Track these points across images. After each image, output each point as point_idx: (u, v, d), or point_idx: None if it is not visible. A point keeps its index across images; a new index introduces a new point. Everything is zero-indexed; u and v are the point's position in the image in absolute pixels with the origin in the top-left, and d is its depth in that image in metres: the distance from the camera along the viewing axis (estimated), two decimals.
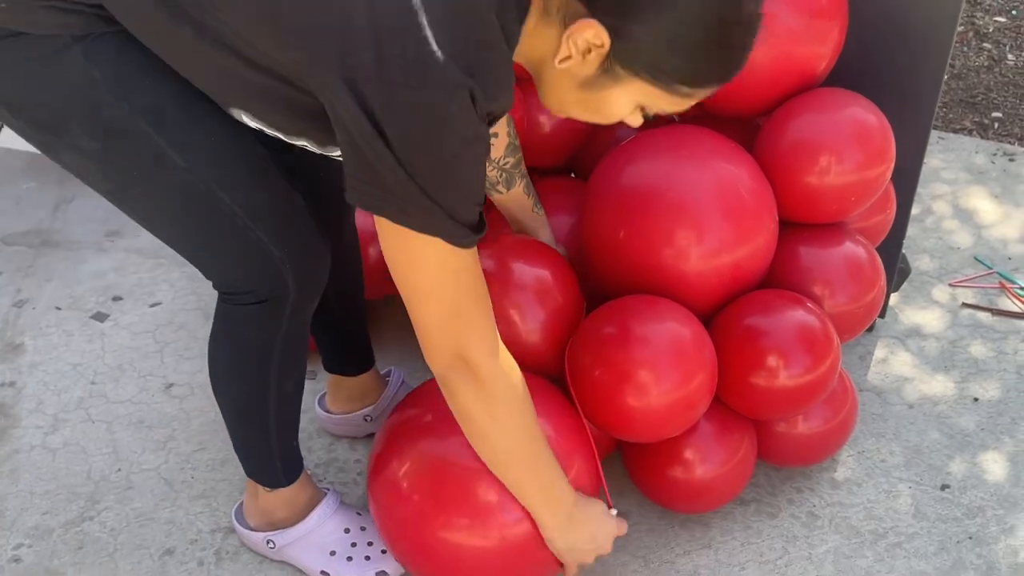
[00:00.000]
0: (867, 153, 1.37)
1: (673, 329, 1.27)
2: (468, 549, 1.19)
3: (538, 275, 1.37)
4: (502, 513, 1.18)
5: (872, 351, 1.84)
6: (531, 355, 1.32)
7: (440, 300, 1.00)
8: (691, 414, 1.29)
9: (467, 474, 1.17)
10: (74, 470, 1.60)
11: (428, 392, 1.29)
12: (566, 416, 1.27)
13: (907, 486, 1.54)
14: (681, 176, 1.34)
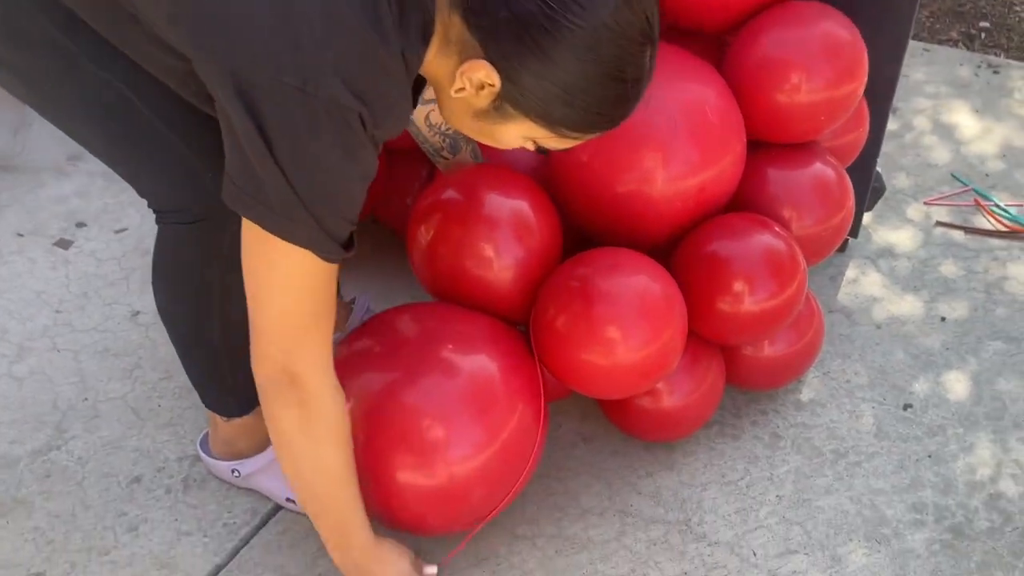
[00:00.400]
0: (838, 70, 1.33)
1: (642, 285, 1.23)
2: (412, 488, 1.16)
3: (517, 208, 1.30)
4: (447, 451, 1.15)
5: (843, 272, 1.83)
6: (502, 296, 1.29)
7: (285, 309, 0.99)
8: (656, 374, 1.26)
9: (412, 412, 1.15)
10: (40, 399, 1.60)
11: (378, 325, 1.28)
12: (519, 357, 1.25)
13: (870, 406, 1.55)
14: (645, 95, 1.30)
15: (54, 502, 1.43)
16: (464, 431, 1.16)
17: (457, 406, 1.17)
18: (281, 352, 1.01)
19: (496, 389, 1.20)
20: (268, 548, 1.35)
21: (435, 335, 1.23)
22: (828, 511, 1.38)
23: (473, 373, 1.21)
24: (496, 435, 1.18)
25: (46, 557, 1.34)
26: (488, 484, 1.21)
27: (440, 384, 1.18)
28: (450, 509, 1.21)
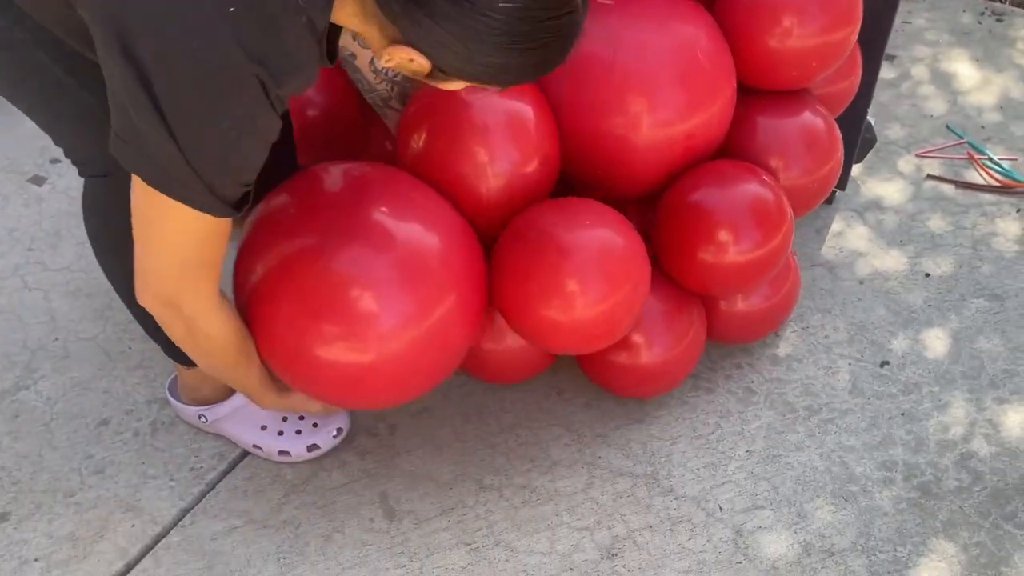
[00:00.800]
0: (831, 14, 1.28)
1: (603, 239, 1.19)
2: (346, 363, 1.10)
3: (522, 117, 1.21)
4: (379, 322, 1.08)
5: (829, 224, 1.79)
6: (488, 207, 1.21)
7: (171, 257, 0.97)
8: (612, 331, 1.22)
9: (340, 281, 1.07)
10: (10, 338, 1.59)
11: (298, 183, 1.17)
12: (467, 241, 1.18)
13: (847, 363, 1.54)
14: (632, 37, 1.25)
15: (21, 443, 1.42)
16: (394, 303, 1.09)
17: (388, 276, 1.09)
18: (165, 289, 1.00)
19: (434, 264, 1.12)
20: (234, 493, 1.35)
21: (370, 196, 1.14)
22: (797, 467, 1.38)
23: (409, 242, 1.12)
24: (428, 312, 1.11)
25: (12, 498, 1.34)
26: (414, 366, 1.14)
27: (370, 252, 1.09)
28: (388, 385, 1.15)
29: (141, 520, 1.32)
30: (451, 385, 1.50)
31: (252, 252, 1.14)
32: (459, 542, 1.29)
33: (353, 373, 1.11)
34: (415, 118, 1.23)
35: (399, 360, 1.11)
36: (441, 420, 1.45)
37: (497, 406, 1.47)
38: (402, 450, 1.41)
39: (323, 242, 1.08)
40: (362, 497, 1.34)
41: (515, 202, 1.22)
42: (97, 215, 1.20)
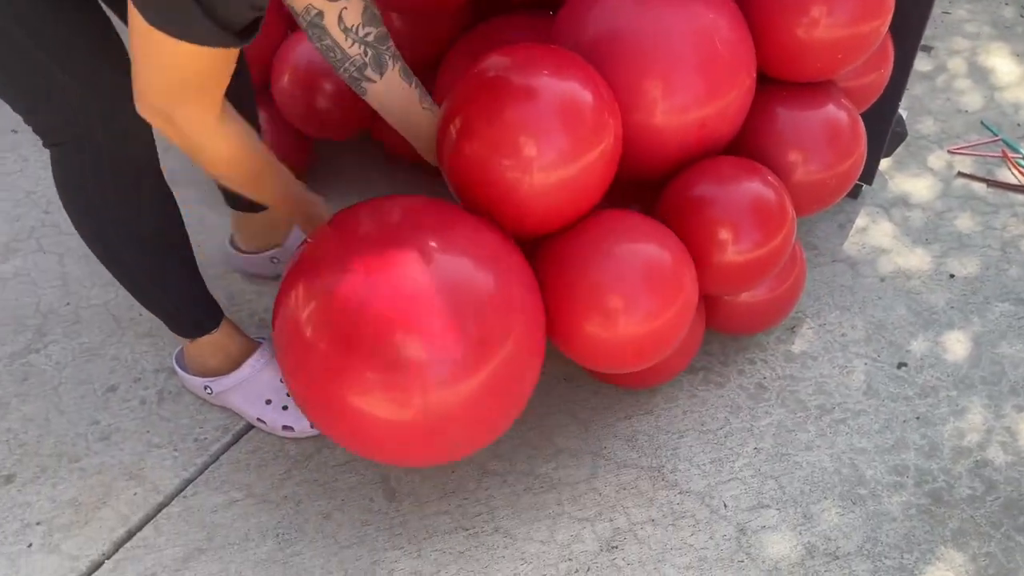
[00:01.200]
0: (861, 4, 1.23)
1: (651, 255, 1.14)
2: (380, 414, 1.00)
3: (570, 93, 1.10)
4: (422, 369, 0.97)
5: (853, 220, 1.75)
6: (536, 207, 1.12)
7: (169, 78, 0.93)
8: (660, 348, 1.18)
9: (380, 321, 0.97)
10: (23, 301, 1.59)
11: (338, 224, 1.10)
12: (524, 280, 1.10)
13: (863, 362, 1.50)
14: (648, 19, 1.21)
15: (29, 405, 1.43)
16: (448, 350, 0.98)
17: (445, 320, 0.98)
18: (159, 106, 0.97)
19: (492, 305, 1.02)
20: (237, 466, 1.35)
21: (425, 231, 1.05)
22: (806, 467, 1.35)
23: (467, 283, 1.02)
24: (485, 360, 1.01)
25: (17, 460, 1.35)
26: (469, 417, 1.04)
27: (425, 292, 0.99)
28: (425, 444, 1.06)
29: (143, 488, 1.32)
30: None
31: (292, 287, 1.06)
32: (458, 526, 1.28)
33: (392, 427, 1.01)
34: (453, 107, 1.13)
35: (448, 415, 1.01)
36: None
37: None
38: None
39: (366, 282, 0.99)
40: (364, 477, 1.34)
41: (569, 200, 1.12)
42: (68, 183, 1.18)
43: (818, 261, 1.67)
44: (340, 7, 1.09)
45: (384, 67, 1.15)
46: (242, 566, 1.23)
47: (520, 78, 1.09)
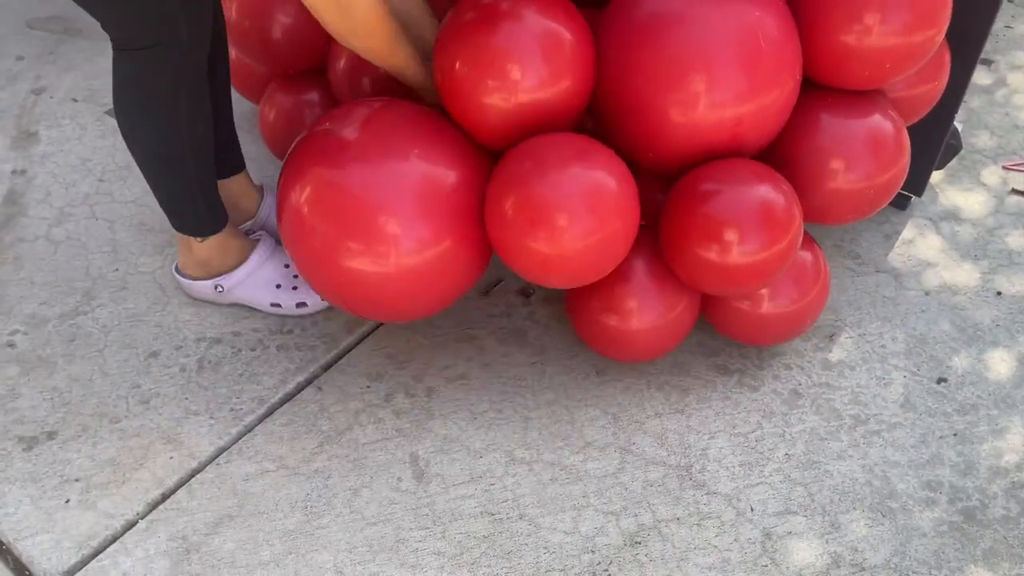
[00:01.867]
0: (915, 13, 1.21)
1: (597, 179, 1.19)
2: (372, 276, 1.23)
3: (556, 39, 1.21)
4: (401, 242, 1.21)
5: (900, 231, 1.73)
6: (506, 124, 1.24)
7: None
8: (600, 264, 1.24)
9: (368, 206, 1.20)
10: (74, 264, 1.64)
11: (334, 118, 1.28)
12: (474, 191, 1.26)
13: (902, 375, 1.48)
14: (694, 11, 1.20)
15: (75, 365, 1.47)
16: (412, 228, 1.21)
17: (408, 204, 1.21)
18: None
19: (443, 203, 1.23)
20: (270, 437, 1.38)
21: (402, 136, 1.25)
22: (837, 476, 1.34)
23: (426, 178, 1.23)
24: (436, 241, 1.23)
25: (60, 418, 1.39)
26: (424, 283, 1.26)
27: (397, 183, 1.22)
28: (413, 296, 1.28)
29: (180, 453, 1.35)
30: (494, 355, 1.50)
31: (294, 172, 1.27)
32: (483, 511, 1.29)
33: (382, 285, 1.25)
34: (446, 35, 1.26)
35: (421, 271, 1.24)
36: (479, 388, 1.45)
37: (536, 381, 1.46)
38: (437, 414, 1.41)
39: (350, 172, 1.22)
40: (393, 455, 1.36)
41: (534, 124, 1.23)
42: (139, 89, 1.29)
43: (861, 271, 1.65)
44: None
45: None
46: (270, 535, 1.26)
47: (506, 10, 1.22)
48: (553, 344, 1.52)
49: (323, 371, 1.47)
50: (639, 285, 1.33)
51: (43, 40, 2.19)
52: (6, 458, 1.33)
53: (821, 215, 1.35)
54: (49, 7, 2.29)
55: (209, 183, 1.42)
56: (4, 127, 1.94)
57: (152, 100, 1.30)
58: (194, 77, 1.30)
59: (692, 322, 1.40)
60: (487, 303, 1.59)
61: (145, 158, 1.37)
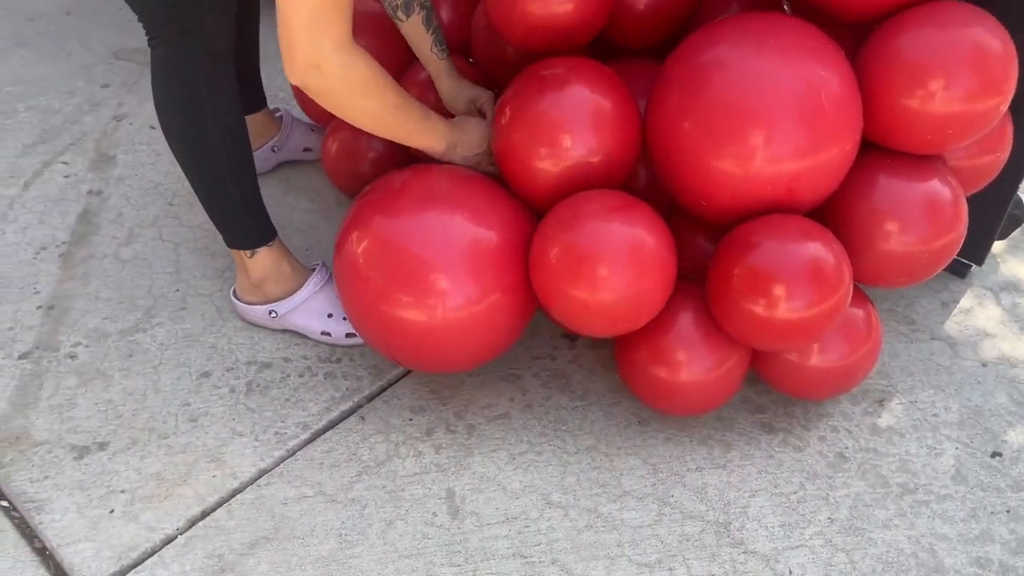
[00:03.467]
0: (980, 82, 1.20)
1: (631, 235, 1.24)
2: (418, 326, 1.29)
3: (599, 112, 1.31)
4: (449, 296, 1.27)
5: (958, 299, 1.69)
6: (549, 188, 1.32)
7: (306, 4, 1.10)
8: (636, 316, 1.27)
9: (418, 259, 1.27)
10: (138, 283, 1.70)
11: (392, 177, 1.37)
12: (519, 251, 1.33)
13: (954, 446, 1.44)
14: (756, 68, 1.21)
15: (131, 380, 1.51)
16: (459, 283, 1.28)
17: (457, 262, 1.28)
18: (306, 41, 1.12)
19: (488, 263, 1.29)
20: (311, 463, 1.39)
21: (455, 200, 1.33)
22: (881, 545, 1.30)
23: (475, 238, 1.30)
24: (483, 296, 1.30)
25: (112, 430, 1.43)
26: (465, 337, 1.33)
27: (446, 241, 1.29)
28: (456, 349, 1.34)
29: (222, 472, 1.37)
30: (536, 396, 1.51)
31: (353, 225, 1.35)
32: (516, 553, 1.28)
33: (425, 336, 1.31)
34: (505, 100, 1.37)
35: (466, 325, 1.30)
36: (520, 429, 1.45)
37: (577, 425, 1.46)
38: (476, 451, 1.42)
39: (406, 227, 1.30)
40: (430, 490, 1.36)
41: (581, 185, 1.31)
42: (168, 79, 1.39)
43: (915, 337, 1.62)
44: None
45: (411, 10, 1.43)
46: (303, 560, 1.27)
47: (558, 81, 1.32)
48: (596, 389, 1.52)
49: (367, 401, 1.49)
50: (689, 337, 1.33)
51: (128, 70, 2.30)
52: (57, 465, 1.38)
53: (874, 277, 1.34)
54: (135, 40, 2.41)
55: (248, 186, 1.48)
56: (85, 150, 2.03)
57: (177, 90, 1.38)
58: (217, 64, 1.38)
59: (740, 379, 1.39)
60: (532, 344, 1.60)
61: (181, 153, 1.45)
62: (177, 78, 1.38)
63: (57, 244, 1.78)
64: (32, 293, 1.67)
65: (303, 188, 1.94)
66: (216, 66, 1.38)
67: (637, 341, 1.37)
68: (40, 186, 1.93)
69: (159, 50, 1.38)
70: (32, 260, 1.75)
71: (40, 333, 1.59)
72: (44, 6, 2.59)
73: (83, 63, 2.33)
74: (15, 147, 2.04)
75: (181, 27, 1.33)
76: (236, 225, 1.51)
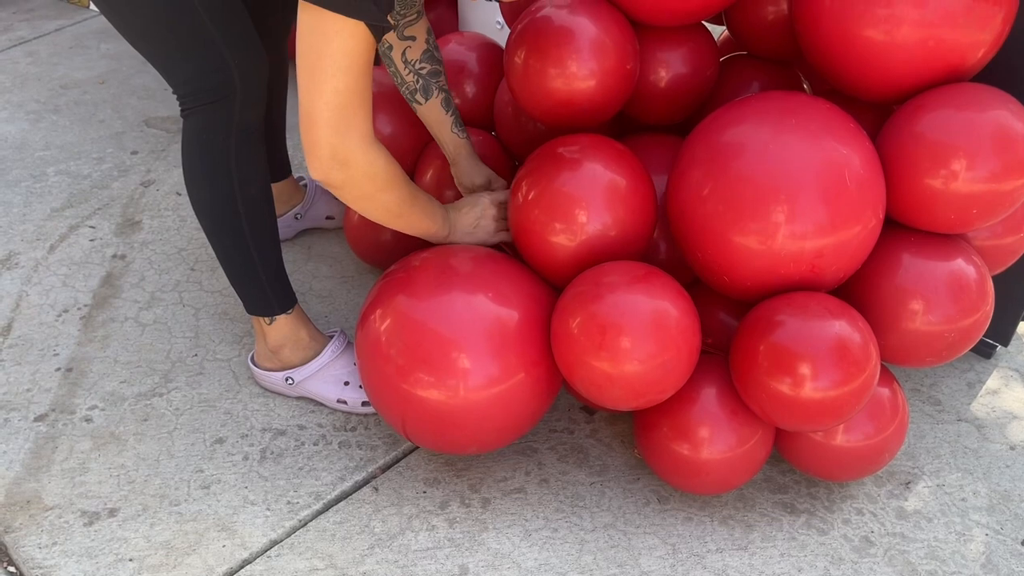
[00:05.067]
0: (1004, 163, 1.20)
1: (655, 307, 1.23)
2: (439, 405, 1.27)
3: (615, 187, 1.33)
4: (469, 377, 1.27)
5: (984, 380, 1.67)
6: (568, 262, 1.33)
7: (335, 89, 1.11)
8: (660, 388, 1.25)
9: (440, 339, 1.27)
10: (157, 347, 1.70)
11: (414, 256, 1.39)
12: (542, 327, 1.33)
13: (983, 532, 1.40)
14: (779, 145, 1.22)
15: (144, 445, 1.50)
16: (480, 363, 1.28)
17: (479, 341, 1.28)
18: (332, 135, 1.13)
19: (512, 341, 1.29)
20: (323, 535, 1.37)
21: (480, 281, 1.33)
22: None
23: (498, 319, 1.30)
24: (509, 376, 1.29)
25: (124, 496, 1.42)
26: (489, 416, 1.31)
27: (468, 320, 1.29)
28: (475, 431, 1.32)
29: (232, 543, 1.35)
30: (553, 471, 1.48)
31: (376, 303, 1.35)
32: None
33: (445, 415, 1.30)
34: (521, 177, 1.39)
35: (479, 410, 1.29)
36: (536, 504, 1.42)
37: (595, 502, 1.43)
38: (491, 527, 1.39)
39: (431, 307, 1.30)
40: (443, 566, 1.33)
41: (593, 260, 1.32)
42: (197, 146, 1.40)
43: (941, 418, 1.59)
44: (405, 45, 1.41)
45: (430, 94, 1.46)
46: None
47: (574, 160, 1.34)
48: (615, 465, 1.49)
49: (381, 472, 1.47)
50: (712, 413, 1.31)
51: (157, 138, 2.35)
52: (67, 531, 1.36)
53: (898, 356, 1.32)
54: (166, 108, 2.47)
55: (270, 256, 1.49)
56: (112, 214, 2.06)
57: (205, 157, 1.40)
58: (245, 134, 1.40)
59: (764, 458, 1.36)
60: (549, 417, 1.58)
61: (206, 225, 1.46)
62: (207, 149, 1.39)
63: (79, 307, 1.79)
64: (52, 355, 1.68)
65: (324, 255, 1.95)
66: (247, 140, 1.40)
67: (658, 416, 1.35)
68: (66, 249, 1.95)
69: (191, 120, 1.40)
70: (53, 322, 1.76)
71: (57, 395, 1.59)
72: (79, 74, 2.66)
73: (114, 130, 2.38)
74: (43, 210, 2.08)
75: (214, 99, 1.36)
76: (256, 293, 1.51)
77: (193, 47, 1.32)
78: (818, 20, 1.32)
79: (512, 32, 1.43)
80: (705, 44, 1.51)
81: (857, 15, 1.26)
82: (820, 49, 1.34)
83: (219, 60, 1.32)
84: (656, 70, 1.49)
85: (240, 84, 1.35)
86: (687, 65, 1.49)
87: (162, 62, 1.37)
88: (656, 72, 1.49)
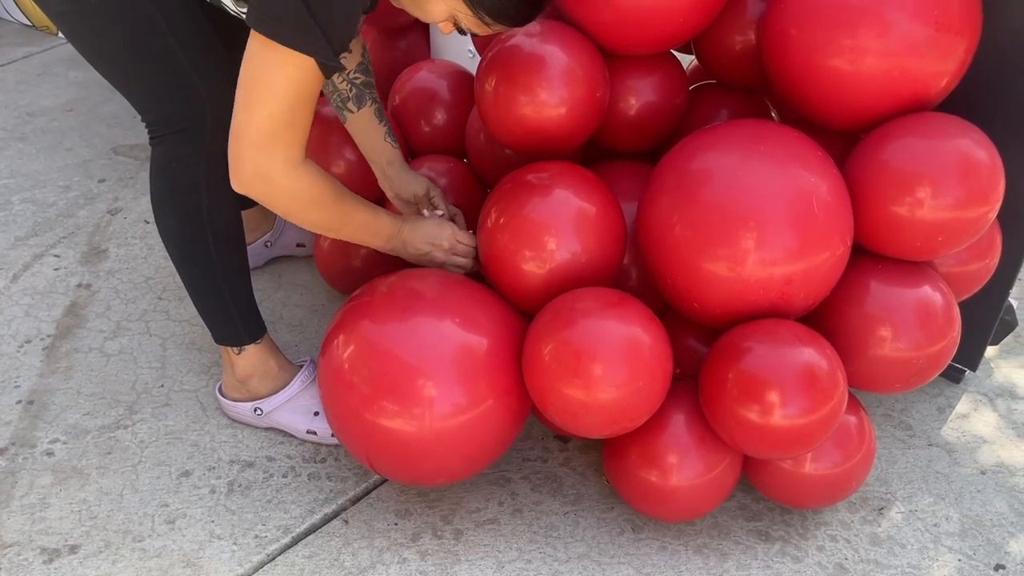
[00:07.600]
0: (968, 191, 1.22)
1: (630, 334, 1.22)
2: (401, 434, 1.25)
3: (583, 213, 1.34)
4: (435, 405, 1.24)
5: (953, 404, 1.68)
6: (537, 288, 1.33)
7: (271, 112, 1.11)
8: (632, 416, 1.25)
9: (405, 367, 1.24)
10: (122, 378, 1.67)
11: (380, 281, 1.37)
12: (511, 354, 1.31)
13: (956, 557, 1.40)
14: (748, 172, 1.23)
15: (107, 479, 1.47)
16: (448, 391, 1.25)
17: (447, 368, 1.25)
18: (256, 154, 1.14)
19: (481, 368, 1.27)
20: (291, 569, 1.34)
21: (447, 306, 1.31)
22: None
23: (467, 345, 1.28)
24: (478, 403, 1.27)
25: (85, 532, 1.38)
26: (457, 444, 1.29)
27: (434, 347, 1.26)
28: (439, 460, 1.29)
29: None
30: (526, 501, 1.46)
31: (339, 329, 1.32)
32: None
33: (406, 445, 1.27)
34: (490, 204, 1.39)
35: (446, 439, 1.26)
36: (509, 535, 1.41)
37: (568, 532, 1.41)
38: (464, 559, 1.37)
39: (394, 333, 1.27)
40: None
41: (564, 287, 1.32)
42: (164, 174, 1.38)
43: (913, 443, 1.59)
44: (342, 56, 1.35)
45: (363, 102, 1.47)
46: None
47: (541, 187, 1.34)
48: (588, 494, 1.48)
49: (351, 504, 1.44)
50: (680, 440, 1.30)
51: (125, 165, 2.33)
52: (26, 568, 1.32)
53: (868, 383, 1.32)
54: (134, 136, 2.45)
55: (239, 286, 1.46)
56: (77, 243, 2.03)
57: (174, 188, 1.37)
58: (216, 166, 1.35)
59: (733, 484, 1.36)
60: (522, 446, 1.57)
61: (174, 254, 1.44)
62: (176, 177, 1.37)
63: (42, 337, 1.76)
64: (12, 387, 1.64)
65: (294, 284, 1.93)
66: (216, 168, 1.37)
67: (627, 444, 1.34)
68: (29, 278, 1.92)
69: (159, 148, 1.37)
70: (15, 353, 1.72)
71: (17, 429, 1.55)
72: (46, 102, 2.64)
73: (81, 158, 2.35)
74: (7, 239, 2.04)
75: (183, 127, 1.34)
76: (224, 323, 1.48)
77: (162, 74, 1.30)
78: (785, 50, 1.33)
79: (483, 60, 1.44)
80: (674, 73, 1.52)
81: (823, 45, 1.28)
82: (787, 78, 1.36)
83: (189, 87, 1.31)
84: (626, 98, 1.50)
85: (211, 112, 1.33)
86: (657, 93, 1.50)
87: (130, 90, 1.35)
88: (626, 100, 1.50)
